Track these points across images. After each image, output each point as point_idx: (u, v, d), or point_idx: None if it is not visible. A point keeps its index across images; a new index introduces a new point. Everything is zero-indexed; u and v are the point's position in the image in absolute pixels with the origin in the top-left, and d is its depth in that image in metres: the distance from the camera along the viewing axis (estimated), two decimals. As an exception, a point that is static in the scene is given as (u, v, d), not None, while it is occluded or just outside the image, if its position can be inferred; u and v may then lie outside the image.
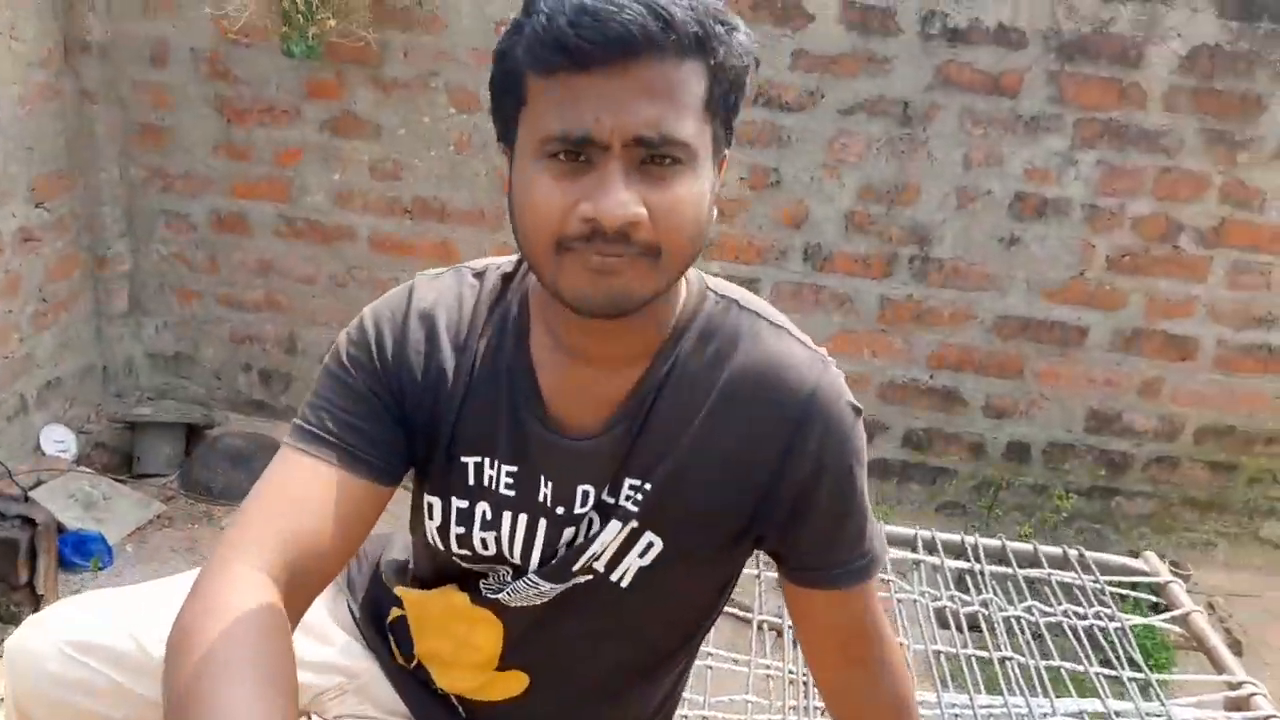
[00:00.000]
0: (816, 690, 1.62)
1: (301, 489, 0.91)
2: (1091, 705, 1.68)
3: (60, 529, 2.52)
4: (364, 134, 3.05)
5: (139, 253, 3.29)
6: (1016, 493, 3.20)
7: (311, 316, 3.29)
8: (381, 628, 1.14)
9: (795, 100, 2.84)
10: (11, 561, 2.30)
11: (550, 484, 0.95)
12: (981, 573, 1.95)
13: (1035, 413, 3.11)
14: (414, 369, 0.94)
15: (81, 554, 2.54)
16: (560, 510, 0.95)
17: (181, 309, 3.35)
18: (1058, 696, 1.69)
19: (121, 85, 3.09)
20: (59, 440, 3.00)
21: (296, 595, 0.87)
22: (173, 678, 0.78)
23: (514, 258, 0.98)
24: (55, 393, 3.10)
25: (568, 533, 0.96)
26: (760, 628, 1.74)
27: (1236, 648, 2.88)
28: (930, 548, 1.98)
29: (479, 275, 0.98)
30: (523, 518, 0.96)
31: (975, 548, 2.01)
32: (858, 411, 0.96)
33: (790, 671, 1.66)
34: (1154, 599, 2.05)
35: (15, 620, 2.32)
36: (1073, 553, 2.01)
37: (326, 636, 1.15)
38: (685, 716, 1.55)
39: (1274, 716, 1.60)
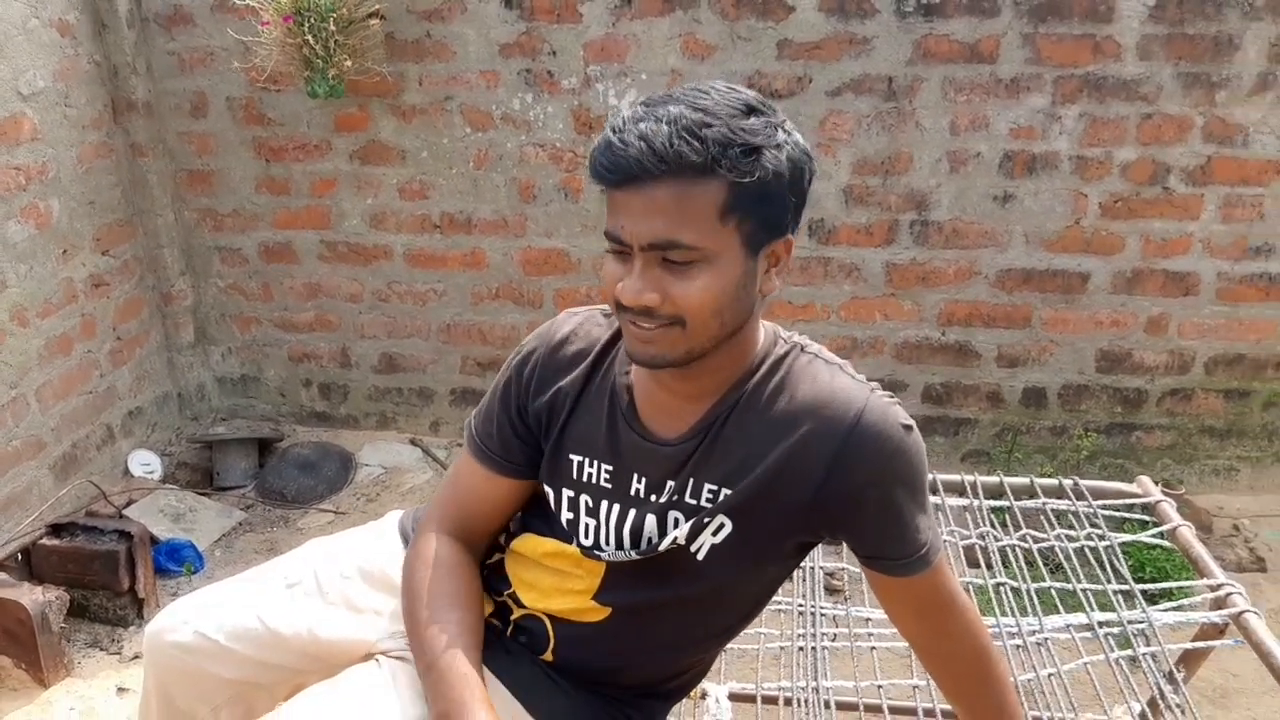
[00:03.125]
0: (820, 619, 1.83)
1: (467, 482, 1.30)
2: (1078, 619, 1.83)
3: (154, 540, 2.80)
4: (390, 159, 3.29)
5: (199, 288, 3.58)
6: (1037, 436, 3.34)
7: (360, 331, 3.55)
8: None
9: (785, 87, 3.02)
10: (113, 571, 2.58)
11: (643, 480, 1.18)
12: (980, 508, 2.10)
13: (1047, 358, 3.25)
14: (547, 384, 1.24)
15: (175, 560, 2.81)
16: (652, 499, 1.18)
17: (243, 335, 3.63)
18: (1048, 614, 1.85)
19: (168, 137, 3.37)
20: (145, 463, 3.29)
21: (473, 547, 1.30)
22: (407, 607, 1.24)
23: None
24: (137, 421, 3.39)
25: (650, 521, 1.18)
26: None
27: (1260, 565, 3.00)
28: (931, 489, 2.14)
29: (609, 315, 1.24)
30: (616, 507, 1.20)
31: (974, 485, 2.16)
32: (907, 429, 1.12)
33: (800, 606, 1.85)
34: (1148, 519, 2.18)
35: (123, 622, 2.61)
36: (1067, 482, 2.15)
37: (397, 589, 1.36)
38: (705, 650, 1.75)
39: (1247, 611, 1.74)
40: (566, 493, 1.23)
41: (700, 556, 1.17)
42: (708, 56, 3.03)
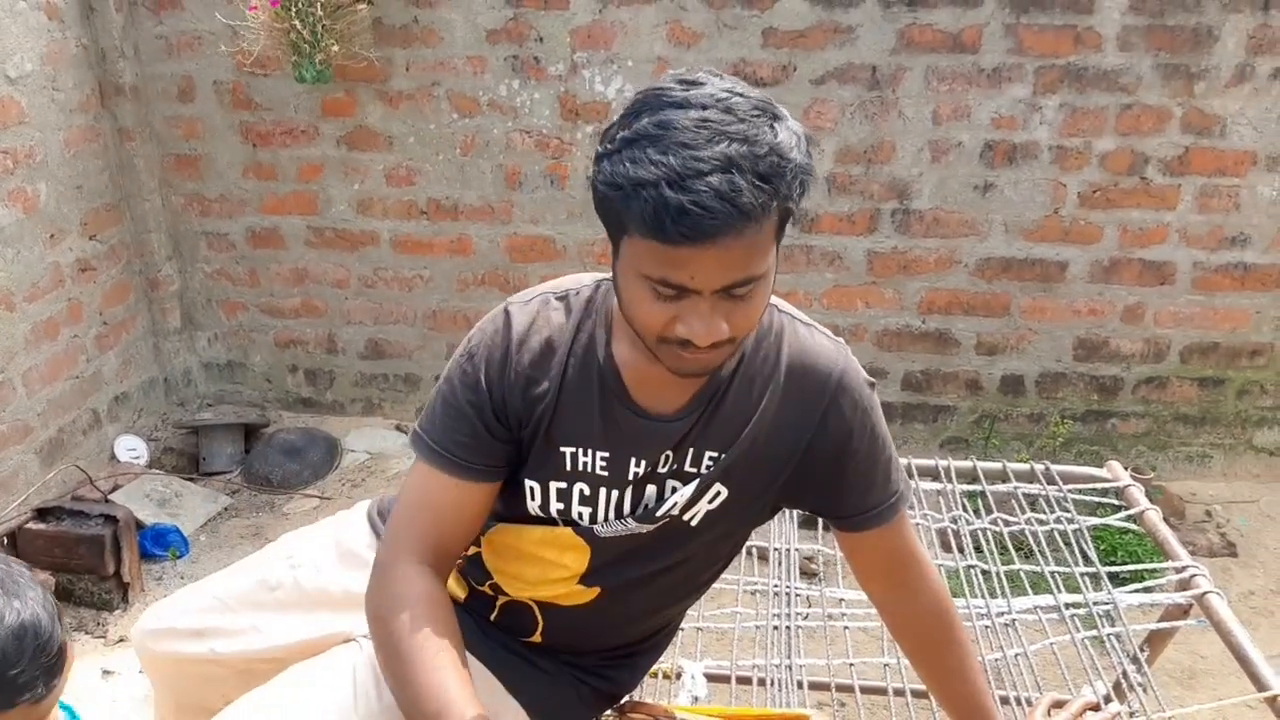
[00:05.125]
0: (795, 600, 1.86)
1: (438, 499, 1.17)
2: (1045, 600, 1.87)
3: (139, 525, 2.82)
4: (377, 145, 3.31)
5: (186, 273, 3.59)
6: (1015, 423, 3.38)
7: (346, 317, 3.57)
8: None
9: (769, 75, 3.04)
10: (99, 555, 2.60)
11: (642, 462, 1.17)
12: (953, 492, 2.14)
13: (1025, 346, 3.29)
14: (515, 388, 1.16)
15: (161, 545, 2.84)
16: (646, 472, 1.18)
17: (229, 321, 3.64)
18: (1017, 596, 1.89)
19: (155, 121, 3.37)
20: (131, 448, 3.30)
21: (443, 569, 1.19)
22: (382, 655, 1.13)
23: (591, 280, 1.20)
24: (124, 406, 3.41)
25: (650, 490, 1.20)
26: (749, 552, 1.97)
27: (1231, 550, 3.06)
28: (906, 473, 2.17)
29: (562, 299, 1.18)
30: (615, 492, 1.19)
31: (948, 470, 2.21)
32: (872, 385, 1.22)
33: (775, 586, 1.88)
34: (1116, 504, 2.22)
35: (108, 606, 2.64)
36: (1039, 466, 2.20)
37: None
38: (683, 629, 1.78)
39: (1210, 592, 1.78)
40: (556, 484, 1.20)
41: (694, 523, 1.20)
42: (693, 44, 3.05)
